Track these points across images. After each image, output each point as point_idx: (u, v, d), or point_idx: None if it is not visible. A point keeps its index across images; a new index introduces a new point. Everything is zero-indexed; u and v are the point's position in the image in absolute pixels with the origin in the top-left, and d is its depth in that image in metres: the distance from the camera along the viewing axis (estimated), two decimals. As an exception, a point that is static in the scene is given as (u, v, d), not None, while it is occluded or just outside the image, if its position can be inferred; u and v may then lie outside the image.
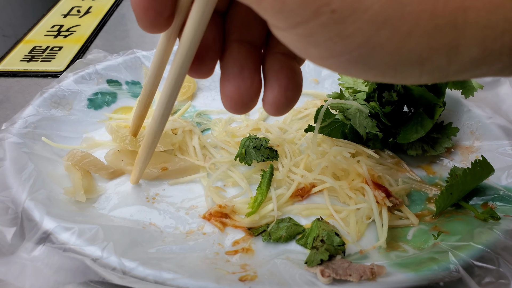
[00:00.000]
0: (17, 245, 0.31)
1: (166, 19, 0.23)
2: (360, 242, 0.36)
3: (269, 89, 0.23)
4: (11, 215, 0.33)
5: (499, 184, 0.38)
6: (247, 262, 0.33)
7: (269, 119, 0.52)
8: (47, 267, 0.29)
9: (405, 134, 0.42)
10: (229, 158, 0.43)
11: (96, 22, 0.75)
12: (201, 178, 0.42)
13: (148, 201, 0.40)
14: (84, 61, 0.54)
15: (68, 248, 0.30)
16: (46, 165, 0.40)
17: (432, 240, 0.34)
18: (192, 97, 0.54)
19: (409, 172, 0.43)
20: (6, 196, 0.34)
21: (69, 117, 0.47)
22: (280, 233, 0.36)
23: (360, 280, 0.29)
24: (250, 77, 0.23)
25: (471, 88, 0.43)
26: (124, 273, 0.29)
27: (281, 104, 0.23)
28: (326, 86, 0.54)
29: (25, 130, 0.42)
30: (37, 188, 0.36)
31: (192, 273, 0.30)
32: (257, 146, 0.42)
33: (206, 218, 0.38)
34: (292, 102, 0.24)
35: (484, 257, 0.30)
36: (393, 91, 0.42)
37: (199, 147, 0.45)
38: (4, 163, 0.37)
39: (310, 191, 0.41)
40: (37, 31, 0.72)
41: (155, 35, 0.72)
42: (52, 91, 0.47)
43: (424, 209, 0.39)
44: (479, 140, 0.44)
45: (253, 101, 0.24)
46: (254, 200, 0.38)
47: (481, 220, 0.35)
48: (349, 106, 0.42)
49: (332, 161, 0.40)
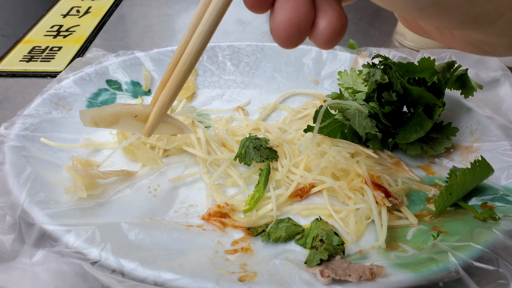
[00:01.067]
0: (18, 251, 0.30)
1: None
2: (359, 242, 0.36)
3: (323, 14, 0.23)
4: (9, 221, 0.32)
5: (499, 185, 0.38)
6: (246, 262, 0.33)
7: (269, 119, 0.52)
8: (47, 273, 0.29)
9: (405, 134, 0.42)
10: (229, 156, 0.43)
11: (95, 22, 0.75)
12: (202, 174, 0.43)
13: (150, 193, 0.40)
14: (84, 60, 0.54)
15: (67, 253, 0.30)
16: (46, 168, 0.40)
17: (431, 240, 0.34)
18: (191, 97, 0.54)
19: (409, 172, 0.43)
20: (4, 202, 0.34)
21: (69, 118, 0.47)
22: (279, 233, 0.36)
23: (359, 280, 0.29)
24: (308, 1, 0.23)
25: (471, 88, 0.43)
26: (123, 274, 0.29)
27: (336, 29, 0.23)
28: (325, 86, 0.55)
29: (24, 132, 0.41)
30: (35, 191, 0.35)
31: (191, 273, 0.30)
32: (257, 147, 0.42)
33: (205, 219, 0.38)
34: (343, 30, 0.24)
35: (484, 257, 0.30)
36: (392, 91, 0.42)
37: (204, 138, 0.45)
38: (3, 168, 0.37)
39: (310, 191, 0.41)
40: (37, 31, 0.72)
41: (154, 35, 0.72)
42: (51, 92, 0.47)
43: (423, 209, 0.39)
44: (478, 141, 0.44)
45: (307, 30, 0.23)
46: (251, 198, 0.38)
47: (480, 220, 0.35)
48: (348, 107, 0.42)
49: (332, 161, 0.40)
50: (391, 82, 0.42)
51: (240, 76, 0.56)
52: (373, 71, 0.42)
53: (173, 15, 0.79)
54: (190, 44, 0.27)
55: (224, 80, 0.56)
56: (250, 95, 0.55)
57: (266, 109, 0.52)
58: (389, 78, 0.42)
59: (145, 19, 0.78)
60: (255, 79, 0.56)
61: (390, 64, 0.41)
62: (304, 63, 0.55)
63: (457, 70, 0.43)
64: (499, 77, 0.49)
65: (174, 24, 0.76)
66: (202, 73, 0.57)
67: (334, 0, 0.23)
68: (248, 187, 0.41)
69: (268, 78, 0.56)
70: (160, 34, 0.73)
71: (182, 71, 0.28)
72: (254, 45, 0.56)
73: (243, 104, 0.54)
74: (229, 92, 0.55)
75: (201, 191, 0.41)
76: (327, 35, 0.23)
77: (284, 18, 0.23)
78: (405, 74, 0.42)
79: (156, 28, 0.75)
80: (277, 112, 0.53)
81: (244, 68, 0.56)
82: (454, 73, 0.43)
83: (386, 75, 0.42)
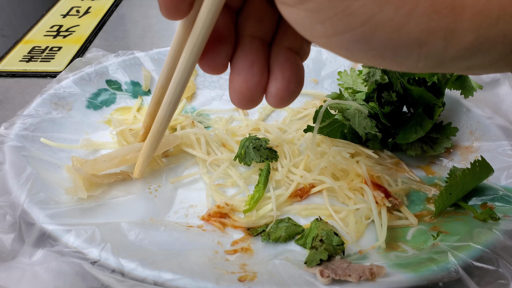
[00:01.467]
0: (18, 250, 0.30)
1: (188, 4, 0.24)
2: (359, 242, 0.36)
3: (273, 81, 0.24)
4: (9, 221, 0.32)
5: (499, 185, 0.38)
6: (246, 262, 0.33)
7: (269, 119, 0.52)
8: (47, 272, 0.29)
9: (405, 134, 0.42)
10: (229, 156, 0.43)
11: (95, 23, 0.75)
12: (202, 174, 0.43)
13: (151, 193, 0.40)
14: (83, 60, 0.54)
15: (67, 252, 0.30)
16: (46, 168, 0.40)
17: (431, 241, 0.34)
18: (191, 98, 0.54)
19: (408, 172, 0.43)
20: (4, 201, 0.34)
21: (69, 118, 0.47)
22: (279, 233, 0.36)
23: (359, 280, 0.29)
24: (259, 72, 0.24)
25: (471, 88, 0.43)
26: (123, 274, 0.29)
27: (284, 96, 0.24)
28: (325, 86, 0.55)
29: (24, 132, 0.41)
30: (35, 191, 0.35)
31: (191, 273, 0.30)
32: (257, 147, 0.42)
33: (205, 220, 0.38)
34: (294, 94, 0.25)
35: (483, 257, 0.30)
36: (392, 91, 0.42)
37: (204, 139, 0.45)
38: (3, 167, 0.37)
39: (309, 191, 0.41)
40: (36, 31, 0.72)
41: (154, 35, 0.72)
42: (51, 92, 0.47)
43: (423, 209, 0.39)
44: (478, 141, 0.44)
45: (261, 96, 0.25)
46: (251, 198, 0.38)
47: (480, 220, 0.35)
48: (348, 107, 0.42)
49: (331, 161, 0.40)
50: (391, 82, 0.42)
51: (240, 76, 0.56)
52: (373, 71, 0.42)
53: (173, 15, 0.79)
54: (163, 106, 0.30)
55: (224, 80, 0.56)
56: (250, 95, 0.55)
57: (266, 109, 0.52)
58: (389, 78, 0.42)
59: (145, 19, 0.78)
60: (255, 79, 0.56)
61: (390, 64, 0.41)
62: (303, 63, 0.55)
63: (457, 70, 0.43)
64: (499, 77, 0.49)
65: (174, 24, 0.76)
66: (202, 73, 0.57)
67: (291, 61, 0.24)
68: (248, 187, 0.41)
69: (268, 78, 0.56)
70: (160, 34, 0.73)
71: (157, 132, 0.32)
72: (254, 45, 0.56)
73: (243, 104, 0.53)
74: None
75: (201, 191, 0.41)
76: (275, 102, 0.24)
77: (237, 91, 0.24)
78: (405, 74, 0.42)
79: (156, 28, 0.75)
80: (277, 112, 0.53)
81: (244, 68, 0.56)
82: (454, 73, 0.43)
83: (386, 75, 0.42)
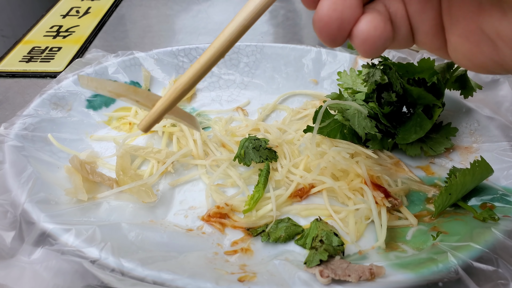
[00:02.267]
0: (17, 248, 0.30)
1: None
2: (359, 242, 0.36)
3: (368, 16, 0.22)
4: (10, 218, 0.32)
5: (498, 185, 0.38)
6: (246, 263, 0.33)
7: (269, 119, 0.52)
8: (46, 270, 0.29)
9: (404, 134, 0.42)
10: (229, 156, 0.43)
11: (95, 23, 0.75)
12: (202, 175, 0.43)
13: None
14: (83, 61, 0.54)
15: (66, 251, 0.30)
16: (46, 168, 0.40)
17: (431, 241, 0.34)
18: (191, 98, 0.54)
19: (408, 172, 0.43)
20: (5, 199, 0.34)
21: (68, 118, 0.47)
22: (279, 234, 0.36)
23: (359, 280, 0.29)
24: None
25: (470, 88, 0.43)
26: (123, 274, 0.29)
27: (377, 33, 0.22)
28: (325, 86, 0.55)
29: (24, 132, 0.42)
30: (36, 190, 0.35)
31: (191, 273, 0.30)
32: (256, 147, 0.42)
33: (205, 220, 0.38)
34: (386, 40, 0.22)
35: (483, 257, 0.30)
36: (392, 92, 0.42)
37: (200, 141, 0.45)
38: (3, 166, 0.37)
39: (309, 191, 0.41)
40: (36, 32, 0.72)
41: (154, 35, 0.72)
42: (51, 92, 0.47)
43: (423, 209, 0.39)
44: (478, 141, 0.44)
45: (350, 27, 0.22)
46: (251, 198, 0.38)
47: (480, 220, 0.35)
48: (348, 107, 0.42)
49: (331, 161, 0.40)
50: (391, 83, 0.42)
51: (239, 77, 0.56)
52: (372, 72, 0.42)
53: (172, 16, 0.79)
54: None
55: (223, 81, 0.56)
56: (249, 96, 0.55)
57: (265, 109, 0.52)
58: (388, 78, 0.42)
59: (145, 20, 0.78)
60: (255, 80, 0.56)
61: (389, 65, 0.41)
62: (303, 63, 0.55)
63: (456, 70, 0.43)
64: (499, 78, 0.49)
65: (174, 24, 0.76)
66: (201, 73, 0.56)
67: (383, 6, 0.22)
68: (248, 187, 0.41)
69: (268, 78, 0.56)
70: (159, 34, 0.73)
71: (186, 82, 0.26)
72: (253, 46, 0.56)
73: (243, 104, 0.54)
74: (228, 92, 0.55)
75: (201, 192, 0.41)
76: (370, 40, 0.22)
77: (321, 19, 0.22)
78: (405, 74, 0.42)
79: (155, 29, 0.75)
80: (276, 113, 0.53)
81: (244, 69, 0.56)
82: (454, 74, 0.43)
83: (385, 76, 0.42)
